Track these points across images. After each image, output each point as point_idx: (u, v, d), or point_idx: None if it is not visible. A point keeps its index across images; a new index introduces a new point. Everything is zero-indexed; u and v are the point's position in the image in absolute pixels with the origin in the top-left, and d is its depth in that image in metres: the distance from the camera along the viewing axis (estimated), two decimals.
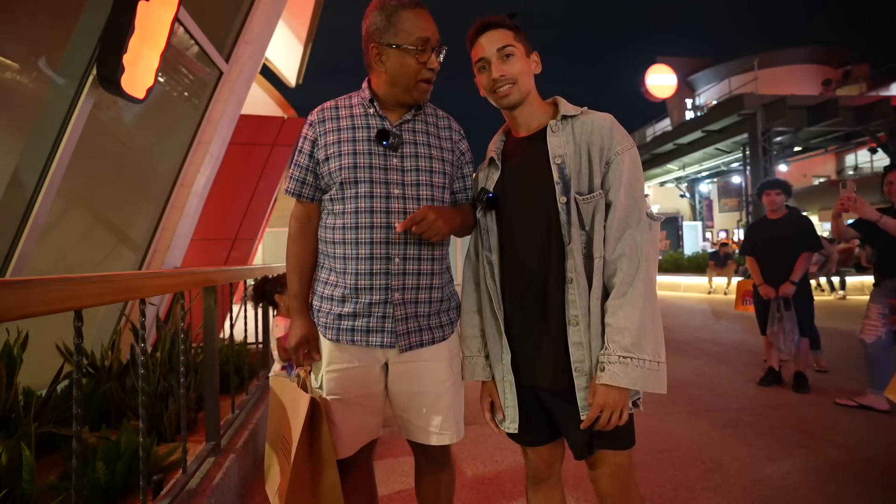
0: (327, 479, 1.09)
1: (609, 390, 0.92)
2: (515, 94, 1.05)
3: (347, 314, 1.12)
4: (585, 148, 1.00)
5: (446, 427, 1.17)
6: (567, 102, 1.09)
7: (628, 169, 0.97)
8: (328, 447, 1.09)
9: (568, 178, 0.99)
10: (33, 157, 2.14)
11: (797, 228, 3.29)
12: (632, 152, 0.99)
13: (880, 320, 2.81)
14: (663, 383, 0.93)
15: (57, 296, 0.89)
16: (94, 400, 2.11)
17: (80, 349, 1.01)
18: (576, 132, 1.02)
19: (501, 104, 1.08)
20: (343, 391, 1.14)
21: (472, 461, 2.25)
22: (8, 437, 1.54)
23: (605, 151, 0.98)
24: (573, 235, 0.98)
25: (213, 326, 1.95)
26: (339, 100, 1.19)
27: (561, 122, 1.04)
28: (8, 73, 2.18)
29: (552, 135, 1.03)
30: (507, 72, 1.03)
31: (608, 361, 0.93)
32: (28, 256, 2.18)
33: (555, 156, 1.01)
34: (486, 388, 1.15)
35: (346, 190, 1.11)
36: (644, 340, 0.92)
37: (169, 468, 1.66)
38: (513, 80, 1.03)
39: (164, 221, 3.32)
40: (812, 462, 2.17)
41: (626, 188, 0.97)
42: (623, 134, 1.00)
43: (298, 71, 7.74)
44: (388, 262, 1.10)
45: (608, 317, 0.95)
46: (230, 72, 3.61)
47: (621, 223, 0.96)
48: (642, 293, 0.93)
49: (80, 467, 1.01)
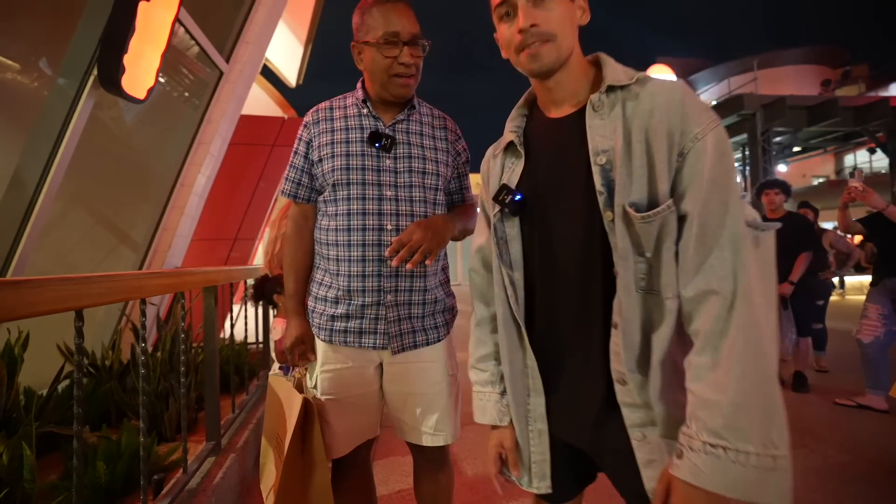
0: (318, 479, 1.10)
1: (692, 493, 0.59)
2: (551, 53, 0.72)
3: (340, 315, 1.12)
4: (642, 137, 0.67)
5: (441, 428, 1.16)
6: (615, 63, 0.75)
7: (712, 158, 0.64)
8: (319, 448, 1.09)
9: (616, 184, 0.67)
10: (34, 158, 2.15)
11: (796, 228, 3.30)
12: (717, 133, 0.65)
13: (880, 321, 2.81)
14: (785, 489, 0.57)
15: (58, 296, 0.89)
16: (95, 400, 2.11)
17: (80, 349, 1.02)
18: (628, 112, 0.69)
19: (531, 69, 0.75)
20: (338, 391, 1.15)
21: (472, 461, 2.25)
22: (9, 436, 1.55)
23: (675, 139, 0.66)
24: (625, 265, 0.67)
25: (213, 326, 1.95)
26: (334, 100, 1.19)
27: (607, 97, 0.71)
28: (9, 73, 2.19)
29: (593, 115, 0.71)
30: (540, 20, 0.71)
31: (689, 447, 0.60)
32: (29, 256, 2.18)
33: (597, 151, 0.69)
34: (499, 436, 0.84)
35: (338, 191, 1.11)
36: (746, 421, 0.57)
37: (169, 468, 1.66)
38: (549, 35, 0.71)
39: (164, 221, 3.33)
40: (811, 462, 2.18)
41: (709, 189, 0.63)
42: (702, 108, 0.67)
43: (299, 71, 7.74)
44: (380, 263, 1.09)
45: (689, 381, 0.62)
46: (230, 72, 3.61)
47: (704, 243, 0.63)
48: (742, 349, 0.59)
49: (80, 467, 1.02)
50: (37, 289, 0.83)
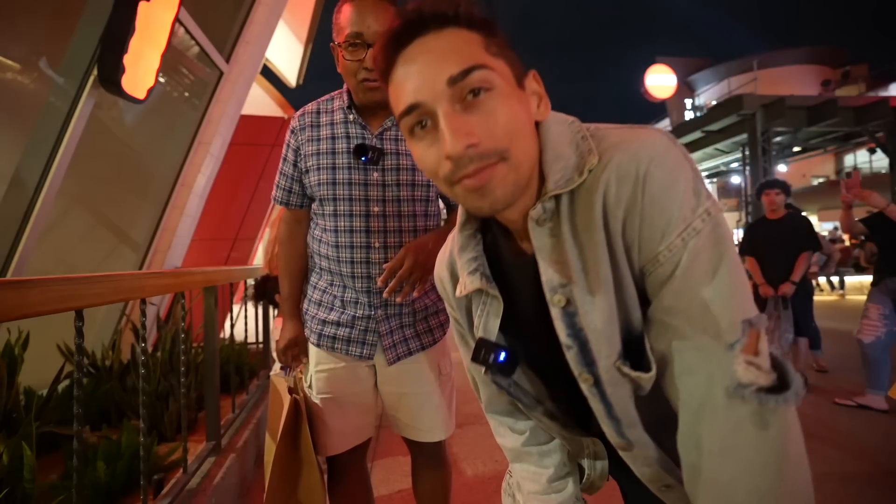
0: (307, 479, 1.10)
1: None
2: (506, 181, 0.47)
3: (331, 321, 1.12)
4: (602, 247, 0.47)
5: (435, 424, 1.16)
6: (558, 142, 0.50)
7: (702, 267, 0.44)
8: (308, 449, 1.09)
9: (586, 333, 0.49)
10: (34, 158, 2.15)
11: (796, 228, 3.31)
12: (713, 221, 0.45)
13: (880, 321, 2.81)
14: None
15: (58, 296, 0.89)
16: (95, 400, 2.11)
17: (80, 349, 1.01)
18: (580, 220, 0.49)
19: (478, 207, 0.49)
20: (332, 390, 1.14)
21: (472, 460, 2.25)
22: (9, 436, 1.55)
23: (653, 243, 0.46)
24: (630, 436, 0.53)
25: (213, 326, 1.95)
26: (321, 102, 1.13)
27: (549, 205, 0.50)
28: (9, 73, 2.19)
29: (539, 232, 0.50)
30: (481, 132, 0.45)
31: None
32: (29, 256, 2.18)
33: (552, 287, 0.49)
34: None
35: (325, 206, 1.08)
36: None
37: (169, 468, 1.66)
38: (499, 153, 0.46)
39: (164, 221, 3.33)
40: (811, 461, 2.15)
41: (701, 313, 0.44)
42: (687, 184, 0.45)
43: (299, 71, 7.74)
44: (369, 281, 1.07)
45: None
46: (230, 72, 3.61)
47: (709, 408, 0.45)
48: None
49: (80, 467, 1.02)
50: (37, 289, 0.83)
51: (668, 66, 21.14)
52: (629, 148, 0.47)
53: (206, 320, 1.96)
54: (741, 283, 0.45)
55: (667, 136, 0.48)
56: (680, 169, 0.46)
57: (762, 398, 0.42)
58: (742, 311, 0.44)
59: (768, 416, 0.43)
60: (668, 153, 0.46)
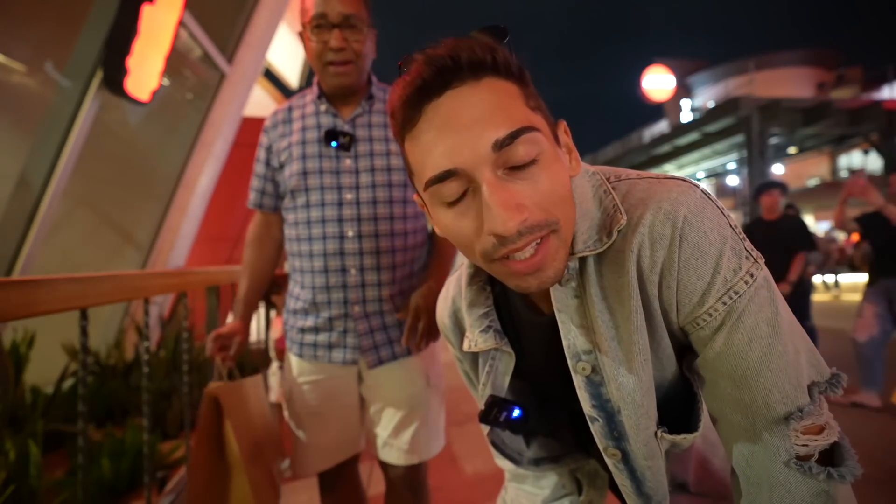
0: (236, 486, 0.97)
1: None
2: (558, 255, 0.43)
3: (309, 328, 1.05)
4: (639, 313, 0.44)
5: (417, 443, 1.05)
6: (584, 198, 0.47)
7: (747, 334, 0.42)
8: (233, 450, 0.98)
9: (613, 404, 0.46)
10: (40, 159, 2.17)
11: (792, 229, 3.34)
12: (756, 284, 0.42)
13: (874, 320, 2.84)
14: None
15: (63, 295, 0.90)
16: (100, 398, 2.13)
17: (85, 348, 1.02)
18: (609, 283, 0.45)
19: (526, 287, 0.44)
20: (316, 403, 1.07)
21: (471, 459, 2.27)
22: (16, 434, 1.56)
23: (691, 307, 0.43)
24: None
25: (215, 325, 1.97)
26: (294, 99, 1.10)
27: (573, 265, 0.46)
28: (15, 75, 2.21)
29: (561, 294, 0.47)
30: (531, 203, 0.41)
31: None
32: (35, 256, 2.20)
33: (575, 354, 0.46)
34: None
35: (297, 198, 1.03)
36: None
37: (173, 465, 1.68)
38: (550, 224, 0.41)
39: (167, 222, 3.34)
40: None
41: (752, 378, 0.42)
42: (724, 243, 0.42)
43: (300, 73, 7.76)
44: (343, 274, 1.01)
45: None
46: (232, 74, 3.64)
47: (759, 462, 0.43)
48: None
49: (86, 464, 1.02)
50: (43, 288, 0.84)
51: (666, 66, 21.24)
52: (661, 207, 0.42)
53: (209, 319, 1.98)
54: (792, 348, 0.42)
55: (697, 189, 0.44)
56: (717, 227, 0.42)
57: (824, 473, 0.42)
58: (796, 378, 0.42)
59: (833, 490, 0.43)
60: (702, 211, 0.42)
